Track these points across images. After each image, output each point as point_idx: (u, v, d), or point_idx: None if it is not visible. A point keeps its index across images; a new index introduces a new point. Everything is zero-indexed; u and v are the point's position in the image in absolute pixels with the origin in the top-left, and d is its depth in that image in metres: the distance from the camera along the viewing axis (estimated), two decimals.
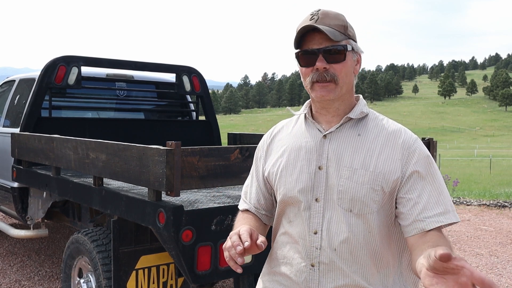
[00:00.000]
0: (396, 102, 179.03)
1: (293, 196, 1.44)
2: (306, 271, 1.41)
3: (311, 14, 1.41)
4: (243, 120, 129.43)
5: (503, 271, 5.22)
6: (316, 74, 1.39)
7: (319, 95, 1.40)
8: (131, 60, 4.91)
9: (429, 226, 1.33)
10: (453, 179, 11.51)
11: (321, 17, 1.38)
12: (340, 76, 1.40)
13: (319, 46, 1.38)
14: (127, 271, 2.91)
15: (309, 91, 1.44)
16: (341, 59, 1.39)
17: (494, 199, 9.57)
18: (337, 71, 1.39)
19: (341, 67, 1.40)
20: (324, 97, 1.40)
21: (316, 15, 1.39)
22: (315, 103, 1.47)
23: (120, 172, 2.84)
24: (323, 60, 1.38)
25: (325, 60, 1.38)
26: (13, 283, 4.62)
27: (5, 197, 4.67)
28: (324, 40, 1.38)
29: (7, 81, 5.49)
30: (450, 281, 1.00)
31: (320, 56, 1.38)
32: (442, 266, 1.00)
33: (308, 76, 1.41)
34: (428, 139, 3.74)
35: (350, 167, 1.39)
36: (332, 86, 1.39)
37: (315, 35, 1.39)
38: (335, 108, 1.44)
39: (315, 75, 1.39)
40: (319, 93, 1.40)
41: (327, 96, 1.40)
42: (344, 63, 1.40)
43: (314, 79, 1.40)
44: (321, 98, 1.41)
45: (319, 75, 1.39)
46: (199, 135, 5.33)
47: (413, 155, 1.39)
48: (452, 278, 1.00)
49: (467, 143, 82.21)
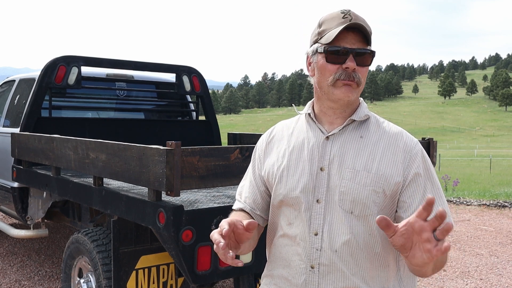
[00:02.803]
0: (396, 102, 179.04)
1: (295, 197, 1.43)
2: (305, 273, 1.40)
3: (342, 12, 1.40)
4: (243, 120, 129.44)
5: (503, 271, 5.22)
6: (344, 74, 1.38)
7: (342, 94, 1.39)
8: (131, 60, 4.91)
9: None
10: (453, 179, 11.50)
11: (354, 18, 1.38)
12: (363, 79, 1.41)
13: (352, 46, 1.38)
14: (127, 271, 2.91)
15: (327, 88, 1.41)
16: (368, 63, 1.41)
17: (494, 199, 9.57)
18: (362, 74, 1.40)
19: (365, 70, 1.41)
20: (346, 96, 1.39)
21: (349, 14, 1.38)
22: (324, 102, 1.45)
23: (120, 172, 2.84)
24: (353, 60, 1.37)
25: (355, 62, 1.38)
26: (13, 283, 4.62)
27: (5, 197, 4.67)
28: (357, 41, 1.38)
29: (7, 81, 5.49)
30: (417, 246, 1.12)
31: (351, 56, 1.38)
32: (402, 238, 1.13)
33: (333, 74, 1.39)
34: (428, 139, 3.74)
35: (353, 169, 1.39)
36: (355, 87, 1.40)
37: (348, 34, 1.38)
38: (343, 109, 1.44)
39: (343, 74, 1.38)
40: (343, 91, 1.39)
41: (350, 96, 1.39)
42: (368, 67, 1.42)
43: (340, 77, 1.38)
44: (344, 97, 1.39)
45: (348, 75, 1.38)
46: (199, 135, 5.33)
47: (415, 159, 1.40)
48: (416, 243, 1.12)
49: (467, 143, 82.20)
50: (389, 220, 1.10)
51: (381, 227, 1.11)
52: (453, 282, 4.87)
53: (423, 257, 1.11)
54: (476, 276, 5.05)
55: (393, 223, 1.12)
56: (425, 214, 1.08)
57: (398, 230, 1.12)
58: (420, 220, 1.09)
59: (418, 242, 1.11)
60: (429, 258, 1.09)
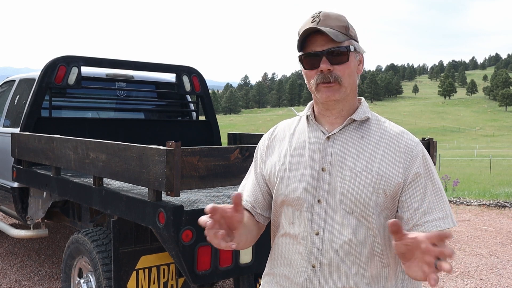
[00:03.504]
0: (396, 102, 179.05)
1: (296, 197, 1.44)
2: (306, 272, 1.41)
3: (312, 17, 1.41)
4: (243, 120, 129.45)
5: (503, 271, 5.22)
6: (320, 76, 1.39)
7: (324, 96, 1.40)
8: (131, 60, 4.91)
9: (428, 230, 1.34)
10: (453, 179, 11.50)
11: (322, 19, 1.38)
12: (344, 77, 1.40)
13: (322, 48, 1.38)
14: (127, 271, 2.91)
15: (314, 93, 1.44)
16: (344, 60, 1.40)
17: (494, 199, 9.57)
18: (341, 72, 1.39)
19: (344, 68, 1.40)
20: (329, 98, 1.40)
21: (318, 17, 1.39)
22: (319, 105, 1.47)
23: (120, 172, 2.84)
24: (326, 61, 1.38)
25: (329, 62, 1.38)
26: (13, 283, 4.62)
27: (5, 197, 4.67)
28: (327, 42, 1.38)
29: (7, 81, 5.49)
30: (416, 261, 1.11)
31: (323, 58, 1.38)
32: (405, 248, 1.11)
33: (313, 79, 1.41)
34: (428, 139, 3.74)
35: (353, 169, 1.39)
36: (337, 87, 1.40)
37: (317, 37, 1.39)
38: (339, 109, 1.44)
39: (320, 77, 1.39)
40: (325, 94, 1.40)
41: (333, 97, 1.40)
42: (348, 64, 1.40)
43: (318, 81, 1.40)
44: (326, 99, 1.40)
45: (323, 77, 1.39)
46: (199, 135, 5.33)
47: (416, 159, 1.40)
48: (417, 258, 1.11)
49: (467, 143, 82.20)
50: (401, 226, 1.10)
51: (391, 231, 1.10)
52: (453, 282, 4.87)
53: (418, 273, 1.11)
54: (476, 276, 5.05)
55: (403, 230, 1.11)
56: (436, 242, 1.06)
57: (404, 239, 1.11)
58: (429, 243, 1.07)
59: (418, 259, 1.10)
60: (421, 278, 1.10)
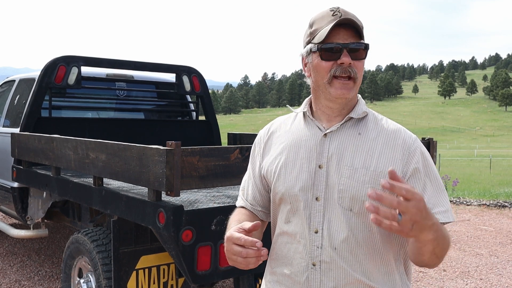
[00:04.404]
0: (396, 102, 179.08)
1: (293, 195, 1.43)
2: (307, 271, 1.41)
3: (331, 10, 1.39)
4: (243, 120, 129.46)
5: (503, 271, 5.23)
6: (340, 69, 1.38)
7: (339, 92, 1.39)
8: (131, 60, 4.91)
9: None
10: (453, 179, 11.49)
11: (344, 14, 1.38)
12: (359, 74, 1.40)
13: (345, 41, 1.38)
14: (127, 271, 2.91)
15: (324, 87, 1.41)
16: (362, 56, 1.40)
17: (494, 199, 9.57)
18: (358, 68, 1.39)
19: (361, 65, 1.40)
20: (343, 95, 1.39)
21: (338, 11, 1.38)
22: (322, 101, 1.45)
23: (120, 172, 2.84)
24: (348, 55, 1.37)
25: (349, 56, 1.38)
26: (13, 283, 4.62)
27: (5, 197, 4.67)
28: (349, 36, 1.38)
29: (7, 81, 5.49)
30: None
31: (345, 51, 1.37)
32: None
33: (329, 71, 1.39)
34: (428, 139, 3.74)
35: (351, 166, 1.39)
36: (351, 85, 1.39)
37: (340, 30, 1.38)
38: (341, 107, 1.44)
39: (338, 70, 1.38)
40: (339, 91, 1.38)
41: (347, 94, 1.39)
42: (363, 61, 1.41)
43: (337, 73, 1.38)
44: (340, 95, 1.39)
45: (343, 70, 1.37)
46: (199, 135, 5.33)
47: (414, 155, 1.39)
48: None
49: (467, 143, 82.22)
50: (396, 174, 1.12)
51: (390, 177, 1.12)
52: (453, 282, 4.87)
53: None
54: (476, 276, 5.05)
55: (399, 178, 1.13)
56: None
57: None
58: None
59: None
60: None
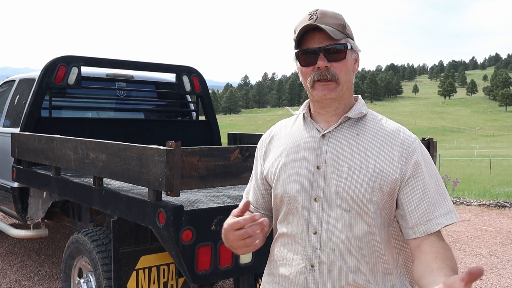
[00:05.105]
0: (396, 102, 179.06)
1: (292, 196, 1.44)
2: (306, 272, 1.40)
3: (309, 14, 1.41)
4: (243, 120, 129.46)
5: (503, 271, 5.22)
6: (317, 73, 1.39)
7: (320, 94, 1.40)
8: (131, 60, 4.91)
9: (432, 229, 1.34)
10: (453, 179, 11.50)
11: (320, 17, 1.38)
12: (341, 75, 1.40)
13: (320, 45, 1.38)
14: (127, 271, 2.91)
15: (309, 91, 1.43)
16: (341, 57, 1.39)
17: (494, 199, 9.57)
18: (338, 70, 1.39)
19: (341, 65, 1.40)
20: (325, 96, 1.40)
21: (315, 14, 1.39)
22: (315, 103, 1.47)
23: (120, 172, 2.84)
24: (324, 59, 1.38)
25: (326, 59, 1.38)
26: (13, 283, 4.62)
27: (5, 197, 4.67)
28: (325, 39, 1.38)
29: (7, 81, 5.49)
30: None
31: (321, 55, 1.38)
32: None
33: (309, 76, 1.41)
34: (428, 139, 3.74)
35: (349, 167, 1.38)
36: (333, 85, 1.39)
37: (315, 34, 1.39)
38: (334, 107, 1.44)
39: (317, 74, 1.39)
40: (321, 92, 1.39)
41: (329, 95, 1.40)
42: (345, 61, 1.40)
43: (315, 78, 1.39)
44: (322, 97, 1.40)
45: (321, 74, 1.38)
46: (199, 135, 5.33)
47: (413, 155, 1.39)
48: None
49: (467, 143, 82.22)
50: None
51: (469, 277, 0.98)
52: None
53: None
54: None
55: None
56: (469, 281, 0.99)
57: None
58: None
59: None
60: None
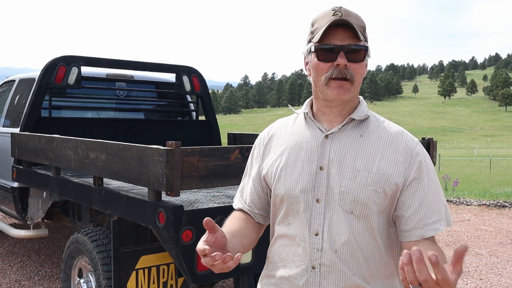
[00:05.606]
0: (396, 102, 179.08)
1: (294, 197, 1.42)
2: (306, 274, 1.39)
3: (332, 10, 1.37)
4: (243, 120, 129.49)
5: (503, 271, 5.22)
6: (336, 71, 1.36)
7: (335, 93, 1.37)
8: (131, 60, 4.91)
9: (428, 234, 1.35)
10: (453, 179, 11.50)
11: (344, 14, 1.36)
12: (357, 76, 1.38)
13: (342, 42, 1.36)
14: (127, 271, 2.91)
15: (321, 88, 1.39)
16: (360, 59, 1.38)
17: (494, 199, 9.57)
18: (355, 70, 1.37)
19: (359, 67, 1.38)
20: (339, 96, 1.37)
21: (339, 11, 1.36)
22: (322, 101, 1.43)
23: (120, 172, 2.84)
24: (344, 57, 1.35)
25: (346, 58, 1.35)
26: (13, 283, 4.62)
27: (5, 197, 4.67)
28: (347, 37, 1.36)
29: (7, 81, 5.49)
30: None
31: (341, 52, 1.35)
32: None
33: (326, 72, 1.37)
34: (428, 139, 3.74)
35: (353, 168, 1.37)
36: (348, 86, 1.37)
37: (338, 30, 1.36)
38: (341, 108, 1.42)
39: (335, 72, 1.36)
40: (336, 91, 1.37)
41: (343, 96, 1.37)
42: (362, 63, 1.38)
43: (333, 75, 1.36)
44: (336, 96, 1.37)
45: (340, 72, 1.36)
46: (199, 135, 5.33)
47: (416, 159, 1.38)
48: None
49: (467, 143, 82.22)
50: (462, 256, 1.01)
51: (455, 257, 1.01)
52: None
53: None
54: (476, 276, 5.05)
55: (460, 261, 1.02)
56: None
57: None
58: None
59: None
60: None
